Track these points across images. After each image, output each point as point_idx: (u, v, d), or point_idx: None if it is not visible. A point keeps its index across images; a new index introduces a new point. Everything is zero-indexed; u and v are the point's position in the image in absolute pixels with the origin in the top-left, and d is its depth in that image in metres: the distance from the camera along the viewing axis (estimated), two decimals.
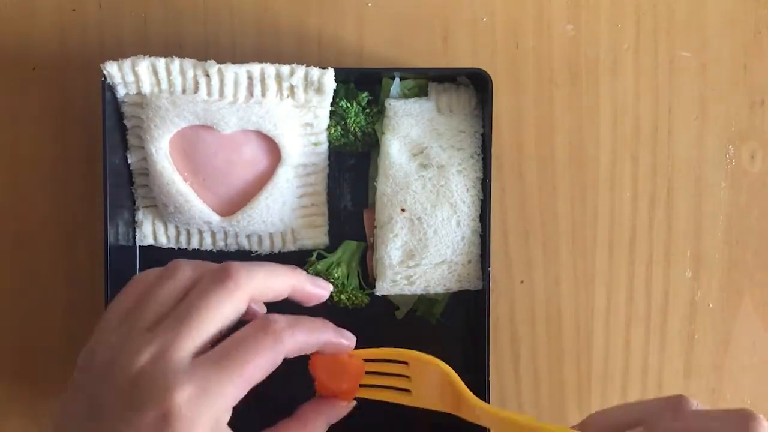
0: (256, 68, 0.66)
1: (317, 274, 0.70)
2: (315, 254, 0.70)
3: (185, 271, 0.54)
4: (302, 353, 0.55)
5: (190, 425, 0.49)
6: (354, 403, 0.59)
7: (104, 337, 0.53)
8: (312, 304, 0.57)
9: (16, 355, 0.73)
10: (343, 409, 0.59)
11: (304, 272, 0.58)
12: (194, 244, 0.72)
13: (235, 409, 0.52)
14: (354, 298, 0.70)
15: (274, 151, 0.68)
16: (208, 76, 0.67)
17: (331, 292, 0.69)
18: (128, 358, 0.51)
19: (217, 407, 0.50)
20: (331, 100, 0.68)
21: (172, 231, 0.72)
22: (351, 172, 0.73)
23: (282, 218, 0.70)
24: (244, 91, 0.67)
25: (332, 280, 0.69)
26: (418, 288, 0.69)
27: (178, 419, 0.49)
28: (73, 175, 0.73)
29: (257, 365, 0.52)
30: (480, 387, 0.69)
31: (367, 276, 0.71)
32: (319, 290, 0.58)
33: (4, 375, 0.74)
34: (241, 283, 0.53)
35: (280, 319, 0.53)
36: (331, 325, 0.57)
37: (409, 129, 0.69)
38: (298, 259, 0.71)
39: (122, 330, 0.53)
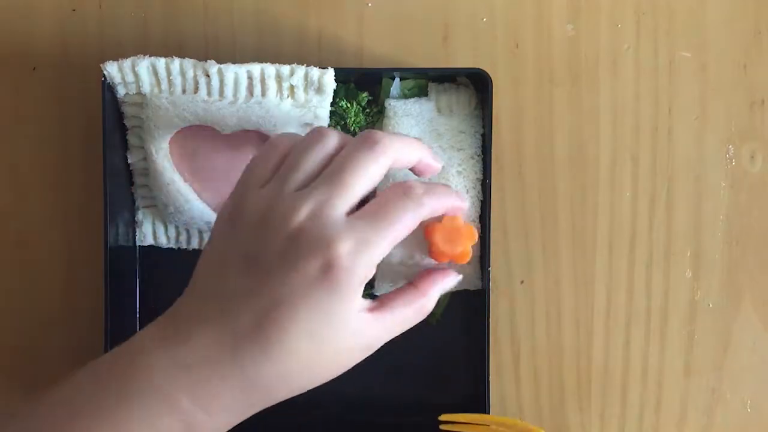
0: (256, 68, 0.66)
1: None
2: None
3: (332, 137, 0.58)
4: (434, 215, 0.60)
5: (349, 275, 0.54)
6: (461, 276, 0.64)
7: (251, 196, 0.57)
8: (428, 176, 0.62)
9: (16, 354, 0.73)
10: (453, 278, 0.63)
11: (427, 146, 0.62)
12: (194, 244, 0.72)
13: None
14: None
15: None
16: (208, 76, 0.67)
17: None
18: (284, 215, 0.55)
19: (370, 260, 0.55)
20: (331, 100, 0.68)
21: (172, 231, 0.72)
22: None
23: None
24: (244, 91, 0.67)
25: None
26: None
27: (340, 269, 0.53)
28: (73, 175, 0.73)
29: (404, 224, 0.57)
30: (480, 387, 0.69)
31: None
32: (437, 163, 0.62)
33: (3, 374, 0.74)
34: (386, 148, 0.57)
35: (419, 185, 0.58)
36: (452, 190, 0.62)
37: (409, 129, 0.69)
38: None
39: (271, 190, 0.57)
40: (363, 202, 0.58)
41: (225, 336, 0.54)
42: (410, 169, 0.62)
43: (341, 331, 0.55)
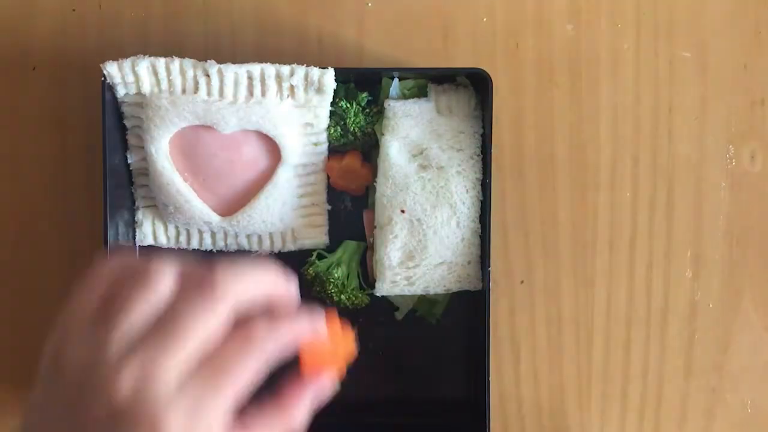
0: (256, 68, 0.66)
1: (317, 274, 0.70)
2: (315, 254, 0.70)
3: (161, 281, 0.50)
4: (286, 352, 0.53)
5: None
6: (337, 386, 0.57)
7: (72, 346, 0.50)
8: (284, 309, 0.54)
9: (16, 355, 0.73)
10: (324, 390, 0.56)
11: (276, 271, 0.54)
12: (194, 244, 0.72)
13: None
14: (354, 299, 0.70)
15: (274, 151, 0.68)
16: (208, 76, 0.67)
17: (331, 293, 0.69)
18: (106, 381, 0.48)
19: (209, 422, 0.49)
20: (331, 100, 0.68)
21: (172, 231, 0.72)
22: None
23: (282, 218, 0.70)
24: (244, 91, 0.67)
25: (332, 280, 0.69)
26: (417, 289, 0.69)
27: None
28: (73, 175, 0.73)
29: (245, 374, 0.50)
30: (480, 387, 0.69)
31: (367, 276, 0.71)
32: (291, 287, 0.55)
33: (4, 375, 0.74)
34: (225, 293, 0.50)
35: (260, 328, 0.51)
36: (302, 314, 0.54)
37: (409, 130, 0.69)
38: (298, 259, 0.71)
39: (93, 339, 0.50)
40: None
41: None
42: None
43: None
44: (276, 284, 0.53)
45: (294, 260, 0.67)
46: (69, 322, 0.51)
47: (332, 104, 0.69)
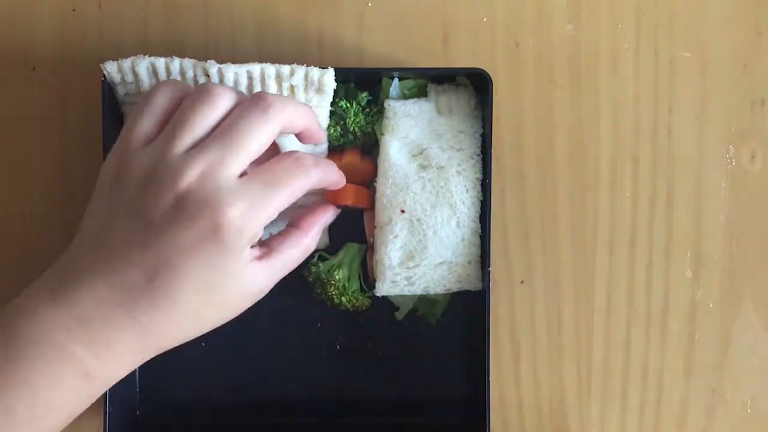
0: (256, 68, 0.66)
1: (318, 277, 0.70)
2: (316, 256, 0.70)
3: (223, 97, 0.58)
4: (320, 186, 0.62)
5: (238, 235, 0.55)
6: (338, 210, 0.68)
7: (136, 155, 0.57)
8: (312, 143, 0.64)
9: None
10: (332, 212, 0.67)
11: (314, 114, 0.63)
12: None
13: None
14: (355, 301, 0.70)
15: (274, 151, 0.68)
16: (208, 76, 0.66)
17: (332, 295, 0.69)
18: (173, 175, 0.55)
19: (258, 222, 0.57)
20: (331, 100, 0.68)
21: None
22: None
23: (282, 218, 0.70)
24: (244, 91, 0.67)
25: (333, 282, 0.69)
26: (418, 289, 0.69)
27: (229, 229, 0.55)
28: (73, 175, 0.73)
29: (293, 192, 0.58)
30: (480, 387, 0.69)
31: (368, 278, 0.71)
32: (322, 133, 0.64)
33: None
34: (278, 112, 0.58)
35: (309, 157, 0.60)
36: (335, 168, 0.65)
37: (409, 130, 0.69)
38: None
39: (158, 148, 0.57)
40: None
41: (116, 289, 0.56)
42: (296, 135, 0.63)
43: (230, 283, 0.57)
44: (314, 122, 0.62)
45: (294, 274, 0.67)
46: (131, 139, 0.59)
47: (332, 104, 0.69)
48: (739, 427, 0.74)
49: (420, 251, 0.68)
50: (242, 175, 0.57)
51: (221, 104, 0.58)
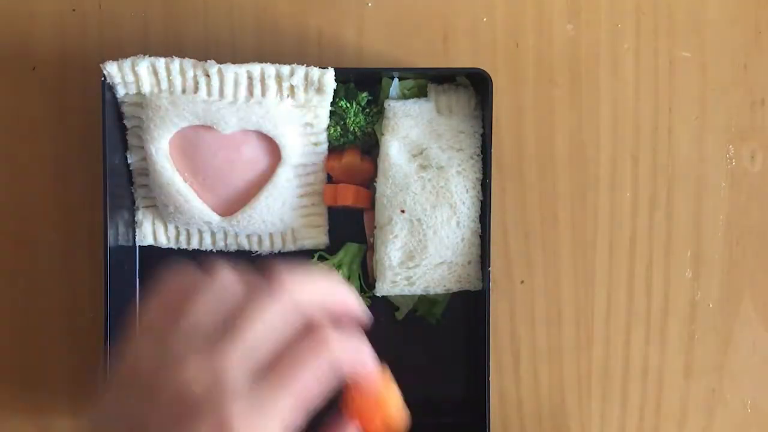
0: (256, 68, 0.66)
1: None
2: (316, 256, 0.70)
3: (231, 284, 0.51)
4: (355, 371, 0.52)
5: None
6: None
7: (144, 347, 0.51)
8: (346, 326, 0.54)
9: (16, 354, 0.73)
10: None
11: (348, 289, 0.54)
12: (194, 244, 0.72)
13: None
14: None
15: (274, 151, 0.68)
16: (208, 76, 0.67)
17: None
18: (177, 371, 0.49)
19: (272, 425, 0.49)
20: (331, 100, 0.68)
21: (171, 231, 0.72)
22: None
23: (282, 218, 0.70)
24: (244, 91, 0.67)
25: None
26: (418, 289, 0.69)
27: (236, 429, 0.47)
28: (73, 175, 0.73)
29: (312, 379, 0.49)
30: (480, 387, 0.69)
31: (368, 278, 0.71)
32: (362, 311, 0.55)
33: (4, 375, 0.74)
34: (292, 294, 0.50)
35: (335, 340, 0.50)
36: (366, 344, 0.54)
37: (409, 130, 0.69)
38: (298, 258, 0.71)
39: (162, 339, 0.51)
40: None
41: None
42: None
43: None
44: (339, 292, 0.53)
45: (294, 261, 0.67)
46: (141, 331, 0.52)
47: (332, 104, 0.69)
48: (739, 427, 0.74)
49: (420, 251, 0.68)
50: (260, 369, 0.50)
51: (225, 287, 0.51)
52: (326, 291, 0.52)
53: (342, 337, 0.50)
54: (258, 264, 0.51)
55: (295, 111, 0.68)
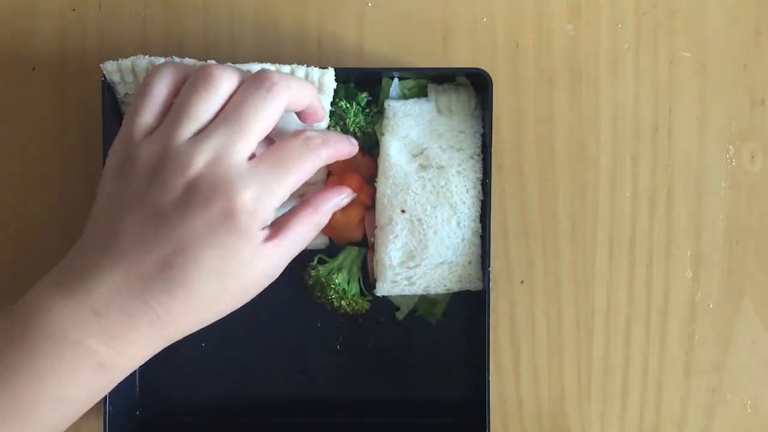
0: (256, 68, 0.66)
1: (318, 280, 0.70)
2: (316, 259, 0.70)
3: (224, 80, 0.57)
4: (329, 162, 0.62)
5: (251, 218, 0.55)
6: (354, 194, 0.66)
7: (140, 146, 0.57)
8: (312, 122, 0.63)
9: None
10: (348, 194, 0.65)
11: (316, 92, 0.63)
12: None
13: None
14: (354, 305, 0.70)
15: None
16: None
17: (332, 298, 0.69)
18: (181, 163, 0.55)
19: (270, 205, 0.57)
20: (331, 100, 0.68)
21: None
22: None
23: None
24: None
25: (333, 286, 0.69)
26: (418, 289, 0.69)
27: (242, 213, 0.55)
28: (73, 175, 0.73)
29: (304, 172, 0.58)
30: (480, 387, 0.69)
31: (368, 281, 0.71)
32: (323, 112, 0.64)
33: None
34: (282, 90, 0.57)
35: (316, 136, 0.60)
36: (344, 136, 0.64)
37: (409, 130, 0.69)
38: (298, 260, 0.71)
39: (162, 138, 0.57)
40: None
41: (130, 279, 0.55)
42: (297, 113, 0.62)
43: (244, 268, 0.57)
44: (316, 100, 0.62)
45: (294, 261, 0.67)
46: (133, 130, 0.58)
47: (332, 104, 0.69)
48: (739, 427, 0.74)
49: (420, 251, 0.68)
50: (251, 157, 0.57)
51: (223, 87, 0.58)
52: (307, 91, 0.60)
53: (323, 137, 0.60)
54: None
55: None
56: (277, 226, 0.59)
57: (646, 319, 0.73)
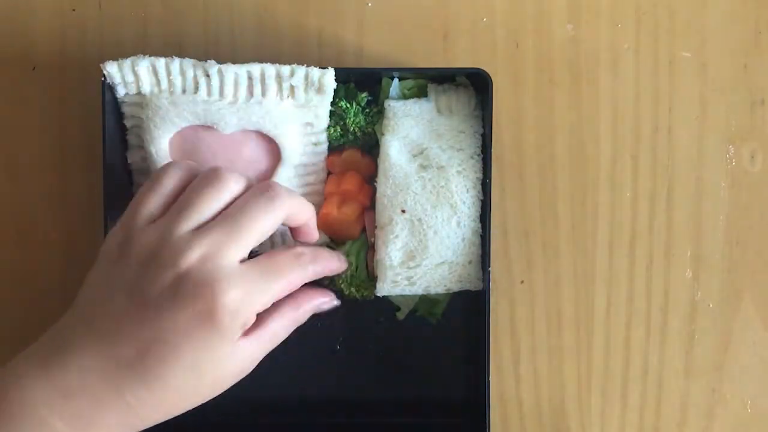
0: (256, 68, 0.66)
1: None
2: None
3: (231, 182, 0.59)
4: (317, 278, 0.63)
5: (233, 319, 0.56)
6: (338, 302, 0.68)
7: (141, 231, 0.58)
8: (304, 240, 0.65)
9: (16, 354, 0.73)
10: (331, 300, 0.67)
11: (314, 212, 0.64)
12: None
13: None
14: (364, 290, 0.70)
15: (274, 151, 0.68)
16: (208, 76, 0.67)
17: (341, 286, 0.69)
18: (175, 254, 0.56)
19: (252, 309, 0.57)
20: (331, 100, 0.68)
21: None
22: None
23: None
24: (245, 91, 0.67)
25: (341, 273, 0.69)
26: (418, 289, 0.69)
27: (224, 313, 0.55)
28: (73, 175, 0.73)
29: (290, 284, 0.60)
30: (480, 387, 0.69)
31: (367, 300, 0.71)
32: (316, 234, 0.65)
33: None
34: (284, 203, 0.59)
35: (308, 253, 0.62)
36: (335, 254, 0.66)
37: (409, 130, 0.69)
38: None
39: (163, 227, 0.58)
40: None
41: (106, 363, 0.55)
42: (290, 229, 0.64)
43: (220, 365, 0.57)
44: (313, 220, 0.64)
45: None
46: (136, 216, 0.59)
47: (332, 104, 0.69)
48: (739, 427, 0.74)
49: (421, 251, 0.68)
50: (243, 261, 0.58)
51: (229, 189, 0.59)
52: (306, 208, 0.62)
53: (313, 253, 0.62)
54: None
55: (296, 111, 0.68)
56: (256, 321, 0.59)
57: (646, 319, 0.73)
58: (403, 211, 0.68)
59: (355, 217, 0.69)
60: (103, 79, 0.67)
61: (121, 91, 0.68)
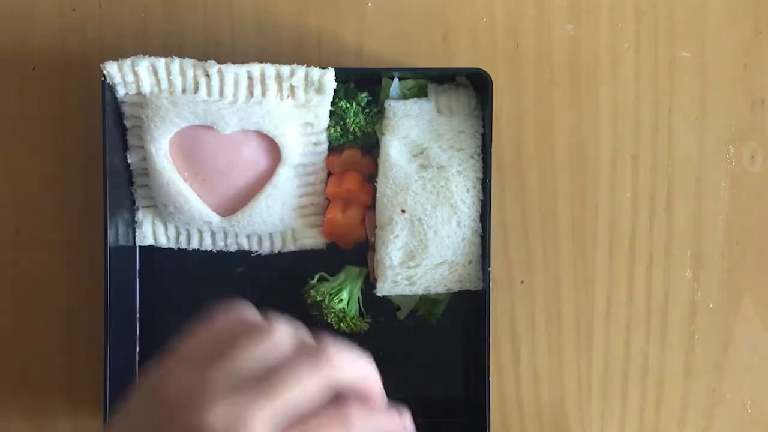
0: (256, 68, 0.66)
1: (316, 301, 0.69)
2: (317, 278, 0.70)
3: (282, 340, 0.53)
4: None
5: None
6: None
7: (178, 372, 0.53)
8: (366, 402, 0.55)
9: (16, 355, 0.73)
10: None
11: (376, 373, 0.56)
12: (194, 244, 0.72)
13: None
14: (353, 326, 0.70)
15: (274, 151, 0.68)
16: (208, 76, 0.67)
17: (332, 321, 0.69)
18: (205, 409, 0.50)
19: None
20: (331, 100, 0.68)
21: (171, 231, 0.72)
22: None
23: (282, 218, 0.70)
24: (245, 91, 0.67)
25: (333, 310, 0.69)
26: (419, 288, 0.69)
27: None
28: (73, 175, 0.73)
29: None
30: (480, 387, 0.69)
31: (367, 300, 0.70)
32: (380, 394, 0.56)
33: (4, 375, 0.74)
34: (333, 367, 0.52)
35: (357, 409, 0.53)
36: (394, 412, 0.57)
37: (409, 130, 0.69)
38: (298, 263, 0.71)
39: (200, 371, 0.52)
40: None
41: None
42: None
43: None
44: (371, 375, 0.55)
45: (294, 261, 0.67)
46: (180, 356, 0.54)
47: (332, 104, 0.69)
48: (739, 427, 0.74)
49: (421, 251, 0.68)
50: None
51: (276, 343, 0.53)
52: (363, 374, 0.54)
53: (368, 412, 0.53)
54: (312, 330, 0.53)
55: (295, 111, 0.68)
56: None
57: (646, 319, 0.73)
58: (403, 211, 0.68)
59: (360, 219, 0.70)
60: (103, 79, 0.67)
61: (121, 91, 0.68)
